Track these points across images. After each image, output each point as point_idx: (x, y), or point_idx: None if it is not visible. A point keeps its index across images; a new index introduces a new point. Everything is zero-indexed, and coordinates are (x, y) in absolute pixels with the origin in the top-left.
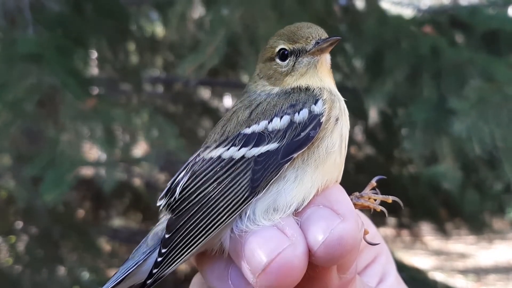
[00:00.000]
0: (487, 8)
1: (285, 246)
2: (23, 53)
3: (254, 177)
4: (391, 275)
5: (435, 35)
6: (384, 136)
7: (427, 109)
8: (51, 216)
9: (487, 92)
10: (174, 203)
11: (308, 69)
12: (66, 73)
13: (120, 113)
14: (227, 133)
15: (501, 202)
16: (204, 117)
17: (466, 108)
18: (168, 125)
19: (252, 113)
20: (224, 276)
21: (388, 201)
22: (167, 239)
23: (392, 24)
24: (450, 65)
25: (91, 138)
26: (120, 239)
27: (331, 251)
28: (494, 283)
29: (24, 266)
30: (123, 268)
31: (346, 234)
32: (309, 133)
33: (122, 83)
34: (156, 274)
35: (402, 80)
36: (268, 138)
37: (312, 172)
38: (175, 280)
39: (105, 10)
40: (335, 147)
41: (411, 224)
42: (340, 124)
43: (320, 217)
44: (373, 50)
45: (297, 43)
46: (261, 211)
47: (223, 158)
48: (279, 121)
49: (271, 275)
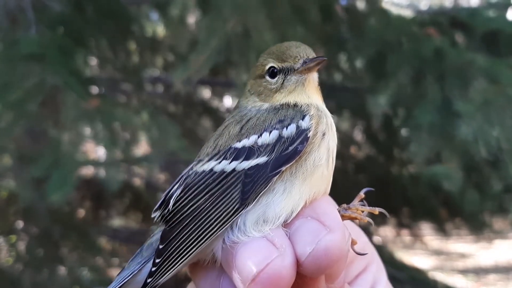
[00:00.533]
0: (487, 10)
1: (274, 257)
2: (25, 53)
3: (244, 189)
4: (381, 283)
5: (438, 37)
6: (384, 136)
7: (431, 111)
8: (51, 216)
9: (491, 94)
10: (168, 215)
11: (296, 87)
12: (68, 73)
13: (122, 113)
14: (219, 147)
15: (501, 202)
16: (204, 117)
17: (472, 111)
18: (170, 125)
19: (243, 128)
20: (216, 285)
21: (375, 213)
22: (161, 250)
23: (394, 25)
24: (453, 67)
25: (94, 138)
26: (120, 239)
27: (318, 262)
28: (494, 283)
29: (25, 265)
30: (119, 278)
31: (332, 245)
32: (296, 147)
33: (123, 83)
34: (150, 283)
35: (406, 82)
36: (257, 152)
37: (300, 184)
38: (176, 280)
39: (106, 10)
40: (322, 161)
41: (411, 224)
42: (327, 139)
43: (307, 228)
44: (375, 52)
45: (286, 61)
46: (251, 223)
47: (215, 171)
48: (268, 136)
49: (261, 284)
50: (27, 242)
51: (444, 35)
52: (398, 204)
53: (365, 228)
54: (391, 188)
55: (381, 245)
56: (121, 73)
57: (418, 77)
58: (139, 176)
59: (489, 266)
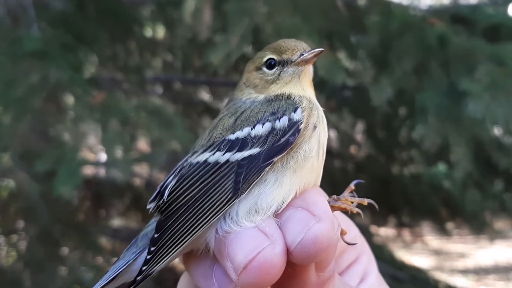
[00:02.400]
0: (487, 6)
1: (265, 246)
2: (28, 50)
3: (237, 179)
4: (372, 274)
5: (441, 25)
6: (385, 136)
7: (438, 95)
8: (52, 216)
9: (498, 76)
10: (163, 205)
11: (293, 78)
12: (72, 69)
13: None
14: (213, 139)
15: (502, 202)
16: (204, 116)
17: (479, 90)
18: (176, 117)
19: (237, 120)
20: (209, 274)
21: (364, 203)
22: (156, 238)
23: (396, 15)
24: (458, 53)
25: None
26: (121, 239)
27: (306, 250)
28: (494, 283)
29: (25, 265)
30: (115, 267)
31: (321, 234)
32: (288, 139)
33: (124, 82)
34: (146, 271)
35: (410, 70)
36: (250, 144)
37: (291, 175)
38: (176, 279)
39: (107, 9)
40: (312, 153)
41: (411, 224)
42: (317, 131)
43: (297, 218)
44: (378, 42)
45: (284, 54)
46: (244, 213)
47: (209, 162)
48: (261, 128)
49: (252, 272)
50: (28, 241)
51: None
52: (398, 204)
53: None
54: (392, 187)
55: (381, 245)
56: (122, 72)
57: (422, 64)
58: (139, 176)
59: (489, 266)
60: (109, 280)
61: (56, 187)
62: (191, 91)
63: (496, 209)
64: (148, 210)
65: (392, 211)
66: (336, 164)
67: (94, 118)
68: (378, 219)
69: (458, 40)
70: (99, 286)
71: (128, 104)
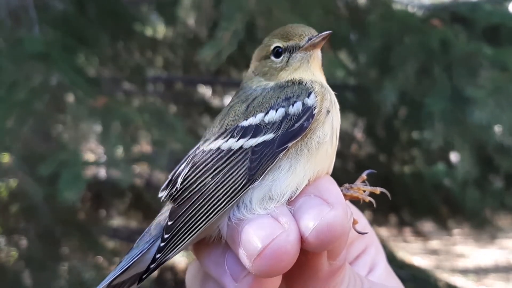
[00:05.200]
0: (487, 4)
1: (279, 233)
2: (30, 52)
3: (251, 165)
4: (380, 265)
5: (443, 28)
6: (386, 135)
7: (443, 100)
8: (53, 215)
9: (501, 82)
10: (176, 193)
11: (302, 64)
12: (74, 71)
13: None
14: (226, 126)
15: (502, 199)
16: (204, 116)
17: (484, 96)
18: (176, 120)
19: (249, 106)
20: (220, 262)
21: (376, 192)
22: (170, 226)
23: (397, 17)
24: (460, 57)
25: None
26: (121, 239)
27: (321, 237)
28: (494, 283)
29: (26, 265)
30: (128, 257)
31: (335, 222)
32: (302, 124)
33: (124, 82)
34: (159, 259)
35: (413, 74)
36: (264, 130)
37: (305, 162)
38: (176, 279)
39: (108, 9)
40: (326, 138)
41: (412, 222)
42: (331, 116)
43: (311, 205)
44: (380, 45)
45: (291, 40)
46: (257, 200)
47: (222, 149)
48: (275, 113)
49: (266, 259)
50: (29, 241)
51: (447, 27)
52: (399, 202)
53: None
54: (393, 186)
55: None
56: (123, 72)
57: (425, 68)
58: (139, 176)
59: (489, 266)
60: (123, 270)
61: (60, 192)
62: (192, 90)
63: (497, 207)
64: (148, 210)
65: (393, 210)
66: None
67: (96, 120)
68: (379, 217)
69: (460, 43)
70: (114, 275)
71: (129, 107)
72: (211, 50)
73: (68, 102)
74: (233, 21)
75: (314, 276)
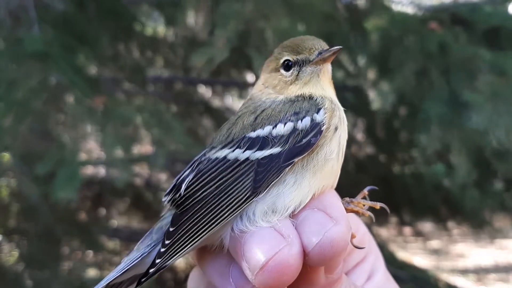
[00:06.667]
0: (487, 5)
1: (282, 246)
2: (29, 51)
3: (256, 178)
4: (379, 271)
5: (442, 32)
6: (385, 135)
7: (440, 104)
8: (53, 215)
9: (498, 87)
10: (179, 199)
11: (312, 78)
12: (73, 71)
13: (129, 111)
14: (233, 136)
15: (502, 200)
16: (204, 116)
17: (481, 101)
18: (175, 121)
19: (257, 118)
20: (225, 273)
21: (376, 207)
22: (171, 232)
23: (396, 20)
24: (458, 61)
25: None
26: (121, 238)
27: (323, 252)
28: (494, 283)
29: (27, 264)
30: (128, 259)
31: (338, 237)
32: (310, 140)
33: (125, 82)
34: (159, 264)
35: (411, 77)
36: (272, 143)
37: (310, 177)
38: (175, 279)
39: (108, 9)
40: (333, 155)
41: (412, 222)
42: (338, 133)
43: (314, 220)
44: (379, 47)
45: (301, 54)
46: (261, 212)
47: (228, 159)
48: (283, 127)
49: (269, 273)
50: (29, 241)
51: (446, 30)
52: (399, 203)
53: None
54: (393, 187)
55: (382, 244)
56: (123, 72)
57: (423, 71)
58: (140, 175)
59: (489, 266)
60: (123, 272)
61: (54, 191)
62: (192, 90)
63: (496, 208)
64: (149, 210)
65: (393, 210)
66: None
67: (94, 120)
68: (379, 218)
69: (458, 47)
70: (113, 277)
71: (128, 107)
72: (203, 56)
73: (67, 102)
74: (227, 28)
75: None
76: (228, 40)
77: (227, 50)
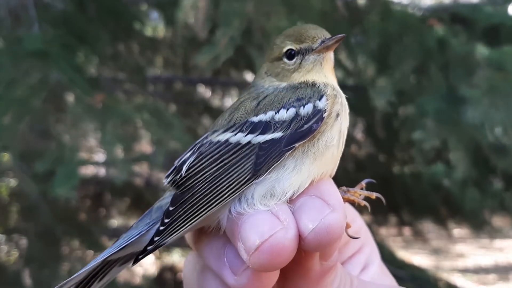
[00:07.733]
0: (487, 6)
1: (278, 229)
2: (29, 50)
3: (257, 161)
4: (374, 263)
5: (441, 28)
6: (385, 135)
7: (437, 99)
8: (53, 215)
9: (496, 81)
10: (180, 180)
11: (314, 66)
12: (73, 70)
13: (128, 109)
14: (235, 120)
15: (502, 200)
16: (204, 116)
17: (478, 96)
18: (174, 119)
19: (260, 103)
20: (220, 254)
21: (371, 197)
22: (171, 211)
23: (396, 17)
24: (457, 57)
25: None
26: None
27: (319, 238)
28: (494, 283)
29: (27, 264)
30: (126, 236)
31: (334, 224)
32: (311, 126)
33: (125, 82)
34: (157, 241)
35: (409, 73)
36: (274, 127)
37: (310, 163)
38: (176, 279)
39: (108, 8)
40: (333, 141)
41: (412, 222)
42: (340, 120)
43: (311, 206)
44: (378, 44)
45: (304, 42)
46: (259, 196)
47: (230, 142)
48: (285, 113)
49: (263, 254)
50: (29, 241)
51: (446, 28)
52: (399, 203)
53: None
54: (392, 186)
55: (381, 244)
56: (123, 72)
57: (421, 67)
58: (139, 175)
59: (489, 266)
60: (120, 248)
61: (53, 188)
62: (192, 90)
63: (496, 208)
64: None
65: (393, 210)
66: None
67: (94, 119)
68: (378, 217)
69: (457, 43)
70: (110, 252)
71: (128, 106)
72: (207, 55)
73: (67, 100)
74: (230, 26)
75: (305, 276)
76: (232, 39)
77: (232, 48)
